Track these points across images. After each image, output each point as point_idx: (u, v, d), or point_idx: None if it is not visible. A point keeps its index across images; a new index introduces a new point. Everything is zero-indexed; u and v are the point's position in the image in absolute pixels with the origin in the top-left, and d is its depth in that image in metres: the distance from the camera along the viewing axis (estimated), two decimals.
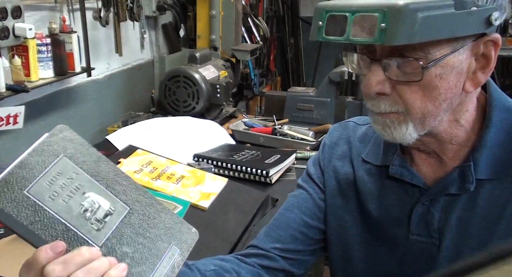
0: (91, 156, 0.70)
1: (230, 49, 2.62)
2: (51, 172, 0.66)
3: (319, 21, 0.75)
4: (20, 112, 1.62)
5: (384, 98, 0.77)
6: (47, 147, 0.67)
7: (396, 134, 0.78)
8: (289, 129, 2.17)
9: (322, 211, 0.98)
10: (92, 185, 0.68)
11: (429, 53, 0.72)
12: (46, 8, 1.82)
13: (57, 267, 0.59)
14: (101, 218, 0.67)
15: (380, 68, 0.75)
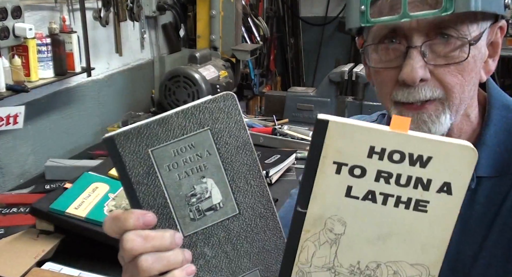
0: (237, 140, 0.59)
1: (230, 49, 2.62)
2: (186, 141, 0.57)
3: (362, 6, 0.71)
4: (20, 112, 1.62)
5: (424, 85, 0.73)
6: (198, 113, 0.58)
7: (434, 128, 0.75)
8: (289, 129, 2.17)
9: None
10: (216, 172, 0.59)
11: (466, 34, 0.71)
12: (46, 8, 1.82)
13: (136, 239, 0.56)
14: (203, 210, 0.59)
15: (419, 54, 0.71)
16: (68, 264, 1.22)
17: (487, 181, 0.81)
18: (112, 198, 1.30)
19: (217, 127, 0.58)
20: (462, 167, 0.47)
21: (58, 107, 1.94)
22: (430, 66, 0.72)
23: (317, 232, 0.51)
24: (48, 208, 1.25)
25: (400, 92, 0.74)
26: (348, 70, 2.34)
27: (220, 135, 0.59)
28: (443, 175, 0.47)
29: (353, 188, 0.48)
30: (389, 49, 0.75)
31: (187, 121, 0.58)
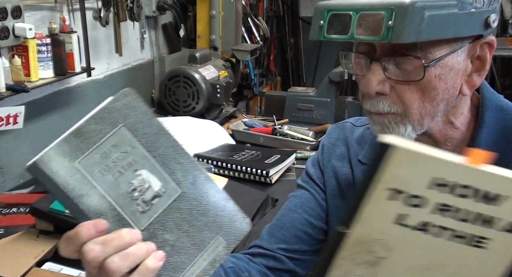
0: (152, 128, 0.61)
1: (230, 49, 2.63)
2: (107, 143, 0.59)
3: (320, 21, 0.75)
4: (20, 112, 1.62)
5: (383, 99, 0.77)
6: (107, 114, 0.60)
7: (396, 134, 0.78)
8: (289, 129, 2.17)
9: (324, 211, 0.98)
10: (146, 162, 0.61)
11: (429, 53, 0.73)
12: (46, 8, 1.82)
13: (95, 247, 0.57)
14: (149, 200, 0.61)
15: (380, 68, 0.75)
16: (68, 264, 1.22)
17: None
18: None
19: (129, 122, 0.61)
20: None
21: (58, 107, 1.94)
22: (391, 81, 0.75)
23: (357, 251, 0.49)
24: (48, 208, 1.25)
25: (365, 102, 0.79)
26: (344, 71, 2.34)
27: (135, 128, 0.61)
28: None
29: (406, 216, 0.46)
30: (360, 58, 0.79)
31: (100, 125, 0.59)
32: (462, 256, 0.47)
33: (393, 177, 0.44)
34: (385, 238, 0.48)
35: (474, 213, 0.45)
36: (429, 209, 0.45)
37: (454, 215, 0.45)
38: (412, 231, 0.47)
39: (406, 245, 0.48)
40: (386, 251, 0.49)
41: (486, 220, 0.45)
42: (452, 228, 0.46)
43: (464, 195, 0.44)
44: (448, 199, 0.45)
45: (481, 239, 0.46)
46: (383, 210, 0.46)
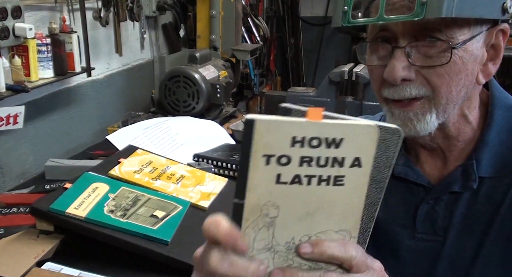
0: (378, 174, 0.58)
1: (230, 49, 2.62)
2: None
3: (344, 6, 0.73)
4: (20, 112, 1.62)
5: (409, 84, 0.75)
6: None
7: (419, 127, 0.77)
8: None
9: None
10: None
11: (453, 37, 0.72)
12: (46, 8, 1.82)
13: (223, 264, 0.53)
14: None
15: (403, 54, 0.74)
16: (68, 264, 1.22)
17: (489, 181, 0.82)
18: (112, 198, 1.30)
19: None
20: (368, 143, 0.54)
21: (58, 107, 1.94)
22: (416, 67, 0.74)
23: (255, 219, 0.55)
24: (48, 208, 1.25)
25: (386, 90, 0.78)
26: (348, 70, 2.34)
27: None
28: (353, 151, 0.54)
29: (282, 175, 0.54)
30: (379, 48, 0.78)
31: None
32: (331, 196, 0.56)
33: (262, 145, 0.52)
34: (272, 199, 0.55)
35: (328, 157, 0.54)
36: (296, 164, 0.54)
37: (315, 163, 0.54)
38: (290, 185, 0.54)
39: (289, 200, 0.55)
40: (276, 210, 0.55)
41: (337, 161, 0.54)
42: (317, 174, 0.54)
43: (316, 145, 0.53)
44: (307, 151, 0.53)
45: (338, 178, 0.55)
46: (265, 175, 0.54)
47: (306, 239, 0.57)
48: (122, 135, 1.93)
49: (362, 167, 0.55)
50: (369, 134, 0.54)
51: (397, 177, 0.88)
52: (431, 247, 0.86)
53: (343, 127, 0.54)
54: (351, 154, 0.54)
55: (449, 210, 0.84)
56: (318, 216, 0.56)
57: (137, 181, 1.41)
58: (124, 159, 1.50)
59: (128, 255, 1.19)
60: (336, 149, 0.54)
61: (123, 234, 1.21)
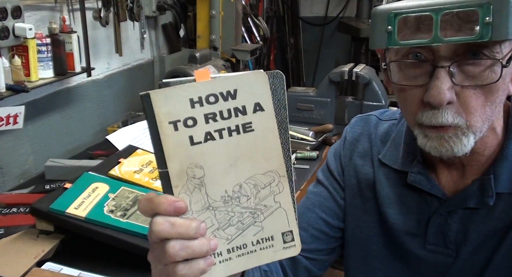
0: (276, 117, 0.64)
1: (230, 49, 2.62)
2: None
3: (388, 26, 0.67)
4: (20, 112, 1.62)
5: (448, 108, 0.69)
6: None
7: (457, 148, 0.72)
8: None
9: (342, 209, 0.96)
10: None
11: (497, 52, 0.67)
12: (46, 8, 1.82)
13: (164, 224, 0.57)
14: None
15: (447, 74, 0.67)
16: (68, 264, 1.22)
17: (508, 197, 0.78)
18: (112, 198, 1.30)
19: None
20: (261, 87, 0.59)
21: (58, 107, 1.94)
22: (457, 87, 0.69)
23: (184, 183, 0.58)
24: (48, 208, 1.25)
25: (425, 114, 0.72)
26: (348, 70, 2.34)
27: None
28: (251, 98, 0.59)
29: (193, 136, 0.58)
30: (414, 66, 0.71)
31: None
32: (246, 143, 0.60)
33: (164, 114, 0.56)
34: (193, 160, 0.58)
35: (229, 109, 0.58)
36: (203, 122, 0.58)
37: (219, 117, 0.58)
38: (205, 143, 0.58)
39: (209, 157, 0.59)
40: (200, 170, 0.59)
41: (239, 110, 0.59)
42: (225, 126, 0.58)
43: (214, 101, 0.58)
44: (208, 108, 0.58)
45: (246, 125, 0.59)
46: (178, 141, 0.57)
47: (238, 188, 0.61)
48: (122, 136, 1.93)
49: (265, 110, 0.59)
50: (259, 79, 0.59)
51: (411, 185, 0.85)
52: (440, 259, 0.84)
53: (232, 79, 0.58)
54: (249, 101, 0.59)
55: (463, 225, 0.81)
56: (241, 164, 0.60)
57: (137, 181, 1.41)
58: (124, 159, 1.50)
59: (128, 255, 1.19)
60: (234, 100, 0.58)
61: (123, 234, 1.21)
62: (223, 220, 0.61)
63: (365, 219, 0.93)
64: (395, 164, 0.88)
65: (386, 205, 0.89)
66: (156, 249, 0.60)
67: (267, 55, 3.76)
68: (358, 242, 0.94)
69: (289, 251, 0.64)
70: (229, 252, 0.62)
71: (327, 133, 2.18)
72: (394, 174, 0.89)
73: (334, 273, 1.98)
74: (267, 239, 0.63)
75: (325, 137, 2.16)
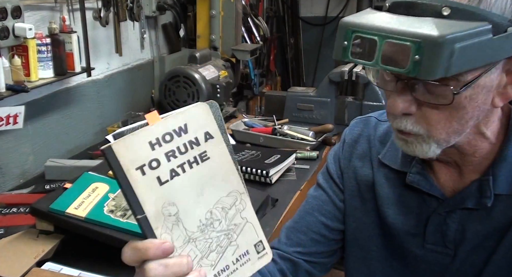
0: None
1: (230, 49, 2.62)
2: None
3: (344, 41, 0.70)
4: (20, 112, 1.62)
5: (407, 117, 0.73)
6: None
7: (419, 152, 0.75)
8: (289, 129, 2.17)
9: (342, 212, 0.97)
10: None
11: (461, 77, 0.67)
12: (46, 8, 1.82)
13: (158, 268, 0.59)
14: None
15: (407, 87, 0.71)
16: (68, 264, 1.22)
17: (506, 198, 0.79)
18: (112, 198, 1.30)
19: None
20: (205, 117, 0.63)
21: (58, 107, 1.94)
22: (418, 100, 0.71)
23: (163, 223, 0.61)
24: (48, 208, 1.25)
25: (389, 118, 0.77)
26: (348, 70, 2.34)
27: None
28: (200, 129, 0.63)
29: (160, 176, 0.60)
30: (387, 76, 0.74)
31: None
32: (206, 171, 0.63)
33: (129, 162, 0.58)
34: (165, 199, 0.61)
35: (184, 144, 0.62)
36: (165, 161, 0.60)
37: (178, 153, 0.61)
38: (172, 181, 0.61)
39: (178, 192, 0.61)
40: (174, 207, 0.61)
41: (192, 142, 0.62)
42: (185, 160, 0.62)
43: (170, 139, 0.61)
44: (166, 147, 0.61)
45: (202, 154, 0.63)
46: (147, 184, 0.59)
47: (209, 215, 0.64)
48: None
49: (214, 137, 0.64)
50: (202, 110, 0.63)
51: (410, 185, 0.86)
52: (439, 258, 0.84)
53: (180, 115, 0.62)
54: (199, 132, 0.63)
55: (461, 224, 0.82)
56: (207, 192, 0.63)
57: None
58: None
59: None
60: (186, 134, 0.62)
61: (123, 234, 1.21)
62: (204, 248, 0.64)
63: (364, 220, 0.93)
64: (395, 164, 0.89)
65: (385, 206, 0.90)
66: None
67: (267, 55, 3.76)
68: (358, 243, 0.95)
69: (263, 259, 0.68)
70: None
71: (327, 133, 2.18)
72: (393, 174, 0.89)
73: (334, 273, 1.98)
74: (244, 255, 0.67)
75: (325, 138, 2.16)
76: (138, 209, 0.60)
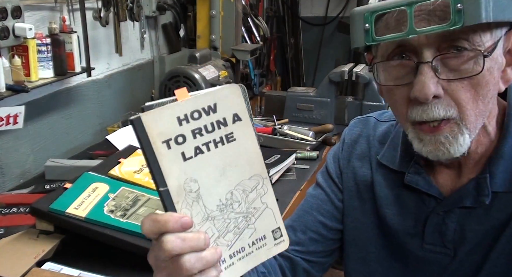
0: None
1: (230, 49, 2.62)
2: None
3: (365, 24, 0.69)
4: (20, 112, 1.62)
5: (437, 102, 0.70)
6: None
7: (453, 150, 0.73)
8: (289, 129, 2.17)
9: (340, 211, 0.97)
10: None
11: (479, 44, 0.68)
12: (46, 8, 1.82)
13: (176, 241, 0.59)
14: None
15: (430, 69, 0.69)
16: (68, 264, 1.22)
17: (504, 196, 0.78)
18: (112, 198, 1.30)
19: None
20: (236, 99, 0.63)
21: (58, 107, 1.94)
22: (443, 81, 0.70)
23: (183, 198, 0.62)
24: (48, 208, 1.25)
25: (414, 111, 0.72)
26: (348, 70, 2.34)
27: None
28: (229, 110, 0.63)
29: (185, 152, 0.61)
30: (399, 66, 0.73)
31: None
32: (231, 152, 0.64)
33: (157, 135, 0.59)
34: (188, 175, 0.61)
35: (212, 123, 0.62)
36: (191, 138, 0.61)
37: (205, 131, 0.62)
38: (195, 158, 0.62)
39: (201, 170, 0.62)
40: (196, 184, 0.62)
41: (220, 122, 0.63)
42: (211, 139, 0.62)
43: (198, 117, 0.61)
44: (194, 124, 0.61)
45: (228, 135, 0.63)
46: (172, 158, 0.60)
47: (230, 196, 0.64)
48: (122, 136, 1.93)
49: (243, 120, 0.64)
50: (234, 92, 0.63)
51: (408, 185, 0.86)
52: (438, 258, 0.84)
53: (211, 94, 0.62)
54: (228, 113, 0.63)
55: (460, 224, 0.81)
56: (229, 173, 0.64)
57: (137, 181, 1.41)
58: (124, 159, 1.50)
59: (128, 255, 1.19)
60: (215, 113, 0.62)
61: (123, 234, 1.21)
62: (222, 228, 0.64)
63: (363, 220, 0.93)
64: (393, 165, 0.89)
65: (384, 206, 0.89)
66: (168, 267, 0.61)
67: (267, 55, 3.76)
68: (356, 243, 0.95)
69: (280, 246, 0.68)
70: (231, 257, 0.65)
71: (327, 133, 2.18)
72: (392, 175, 0.89)
73: (334, 273, 1.98)
74: (260, 239, 0.67)
75: (325, 138, 2.16)
76: (161, 182, 0.60)
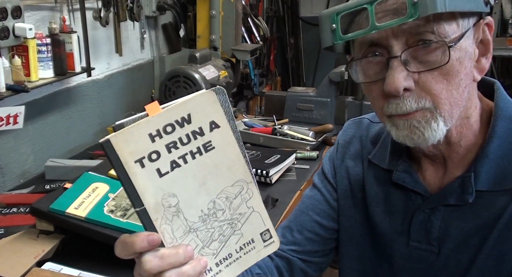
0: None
1: (230, 49, 2.62)
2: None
3: (332, 24, 0.73)
4: (20, 112, 1.62)
5: (408, 95, 0.73)
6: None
7: (428, 134, 0.74)
8: (289, 129, 2.17)
9: (336, 211, 0.98)
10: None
11: (445, 36, 0.70)
12: (46, 8, 1.82)
13: (153, 260, 0.60)
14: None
15: (400, 64, 0.71)
16: (68, 264, 1.22)
17: (488, 195, 0.79)
18: (112, 198, 1.30)
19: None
20: (212, 106, 0.61)
21: (58, 107, 1.94)
22: (414, 74, 0.72)
23: (162, 215, 0.61)
24: (48, 208, 1.25)
25: (390, 105, 0.75)
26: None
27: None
28: (205, 119, 0.61)
29: (160, 168, 0.59)
30: (374, 63, 0.76)
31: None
32: (210, 161, 0.62)
33: (128, 155, 0.58)
34: (165, 191, 0.60)
35: (187, 134, 0.60)
36: (166, 153, 0.59)
37: (180, 144, 0.60)
38: (172, 172, 0.60)
39: (179, 183, 0.61)
40: (174, 198, 0.61)
41: (196, 132, 0.61)
42: (187, 151, 0.60)
43: (171, 130, 0.59)
44: (167, 139, 0.59)
45: (206, 144, 0.61)
46: (146, 176, 0.59)
47: (212, 205, 0.63)
48: None
49: (221, 126, 0.62)
50: (209, 99, 0.61)
51: (396, 183, 0.87)
52: (424, 256, 0.85)
53: (183, 106, 0.60)
54: (204, 121, 0.61)
55: (445, 221, 0.82)
56: (210, 182, 0.63)
57: None
58: None
59: None
60: (190, 124, 0.60)
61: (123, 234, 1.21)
62: (206, 238, 0.64)
63: (357, 219, 0.94)
64: (383, 163, 0.90)
65: (374, 205, 0.91)
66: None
67: (267, 55, 3.76)
68: (351, 242, 0.96)
69: (270, 248, 0.68)
70: (218, 265, 0.65)
71: (327, 133, 2.18)
72: (382, 173, 0.91)
73: (334, 273, 1.98)
74: (248, 243, 0.66)
75: (325, 138, 2.16)
76: (137, 201, 0.59)
